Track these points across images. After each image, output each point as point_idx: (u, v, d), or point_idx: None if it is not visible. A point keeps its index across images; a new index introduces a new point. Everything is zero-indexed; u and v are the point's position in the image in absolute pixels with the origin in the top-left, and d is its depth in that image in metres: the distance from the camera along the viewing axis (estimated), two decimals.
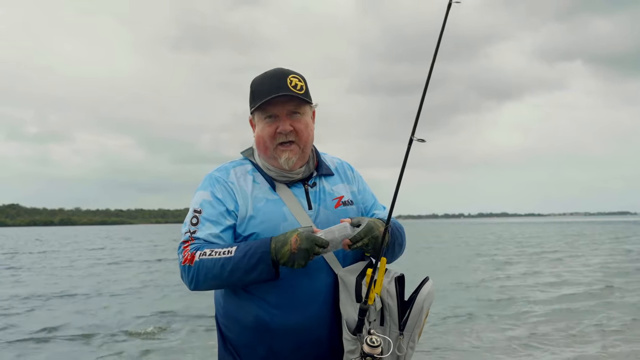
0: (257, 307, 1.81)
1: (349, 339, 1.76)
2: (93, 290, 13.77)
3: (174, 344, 7.90)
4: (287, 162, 1.86)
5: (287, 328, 1.80)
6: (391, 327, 1.80)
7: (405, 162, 1.76)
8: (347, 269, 1.84)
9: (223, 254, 1.71)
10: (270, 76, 1.87)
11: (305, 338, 1.82)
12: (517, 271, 17.09)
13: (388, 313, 1.79)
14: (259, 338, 1.83)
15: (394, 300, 1.80)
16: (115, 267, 20.88)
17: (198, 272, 1.74)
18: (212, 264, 1.72)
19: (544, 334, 8.04)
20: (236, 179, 1.90)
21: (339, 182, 2.00)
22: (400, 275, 1.86)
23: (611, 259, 20.70)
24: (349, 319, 1.77)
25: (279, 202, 1.86)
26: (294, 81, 1.84)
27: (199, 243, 1.79)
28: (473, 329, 8.56)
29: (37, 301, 12.23)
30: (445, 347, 7.43)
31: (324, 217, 1.88)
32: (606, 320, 8.97)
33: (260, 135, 1.88)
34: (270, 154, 1.88)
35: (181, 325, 9.16)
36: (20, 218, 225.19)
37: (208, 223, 1.82)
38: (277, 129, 1.85)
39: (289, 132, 1.85)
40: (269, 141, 1.86)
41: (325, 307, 1.83)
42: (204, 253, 1.74)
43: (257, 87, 1.89)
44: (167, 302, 11.79)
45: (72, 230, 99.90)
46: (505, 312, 9.89)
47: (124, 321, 9.62)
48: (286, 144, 1.86)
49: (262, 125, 1.88)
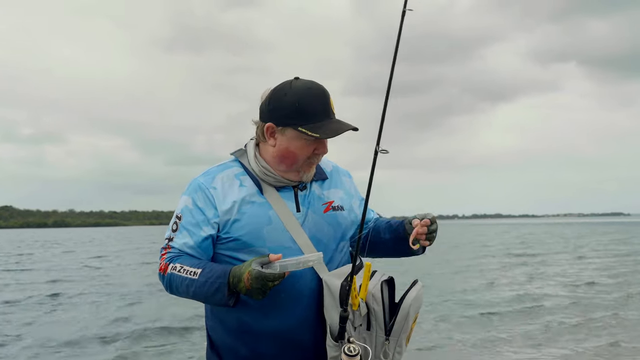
0: (241, 310, 1.79)
1: (332, 346, 1.74)
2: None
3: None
4: (309, 177, 1.89)
5: (270, 331, 1.79)
6: (377, 332, 1.78)
7: (372, 174, 1.76)
8: (332, 273, 1.81)
9: (189, 274, 1.73)
10: (318, 95, 1.82)
11: (288, 341, 1.81)
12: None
13: (374, 318, 1.77)
14: (242, 340, 1.83)
15: (379, 305, 1.78)
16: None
17: (170, 283, 1.79)
18: (180, 281, 1.75)
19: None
20: (221, 184, 1.86)
21: (331, 187, 1.98)
22: (389, 279, 1.84)
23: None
24: (333, 325, 1.75)
25: (266, 205, 1.83)
26: (331, 102, 1.85)
27: (174, 253, 1.81)
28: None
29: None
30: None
31: (311, 220, 1.86)
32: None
33: (293, 152, 1.82)
34: (293, 168, 1.86)
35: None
36: (14, 220, 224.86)
37: (185, 231, 1.82)
38: (316, 150, 1.83)
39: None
40: (301, 158, 1.83)
41: (309, 311, 1.80)
42: (174, 267, 1.76)
43: (305, 105, 1.78)
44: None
45: (61, 233, 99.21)
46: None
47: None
48: (313, 162, 1.88)
49: (299, 143, 1.81)
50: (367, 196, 1.79)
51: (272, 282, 1.63)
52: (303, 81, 1.83)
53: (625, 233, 51.57)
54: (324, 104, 1.81)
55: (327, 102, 1.82)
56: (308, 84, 1.83)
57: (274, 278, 1.63)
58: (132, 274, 19.01)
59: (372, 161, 1.73)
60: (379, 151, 1.73)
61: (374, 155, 1.73)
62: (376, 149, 1.73)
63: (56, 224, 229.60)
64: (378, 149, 1.73)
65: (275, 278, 1.63)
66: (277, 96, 1.82)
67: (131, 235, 77.51)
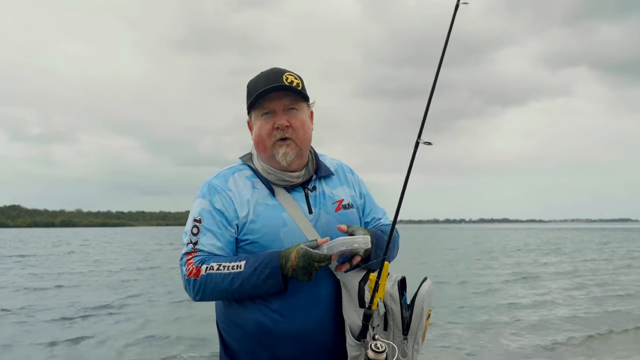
0: (259, 313, 1.79)
1: (353, 345, 1.74)
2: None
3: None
4: (284, 157, 1.84)
5: (291, 334, 1.79)
6: (395, 332, 1.78)
7: (411, 166, 1.75)
8: (348, 274, 1.82)
9: (232, 268, 1.72)
10: (266, 75, 1.86)
11: (309, 344, 1.80)
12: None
13: (391, 318, 1.77)
14: (262, 344, 1.81)
15: (397, 304, 1.78)
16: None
17: (205, 285, 1.74)
18: (221, 278, 1.72)
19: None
20: (235, 186, 1.87)
21: (338, 185, 1.98)
22: (402, 279, 1.84)
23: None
24: (352, 325, 1.76)
25: (279, 208, 1.84)
26: (290, 78, 1.84)
27: (203, 255, 1.78)
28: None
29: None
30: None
31: (324, 221, 1.87)
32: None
33: (258, 134, 1.86)
34: (270, 152, 1.86)
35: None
36: (21, 219, 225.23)
37: (209, 233, 1.81)
38: (274, 124, 1.83)
39: (285, 127, 1.83)
40: (267, 138, 1.84)
41: (328, 312, 1.82)
42: (211, 267, 1.74)
43: (252, 86, 1.87)
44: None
45: (65, 233, 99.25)
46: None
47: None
48: (283, 140, 1.84)
49: (259, 123, 1.86)
50: (404, 189, 1.77)
51: (318, 262, 1.66)
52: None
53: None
54: (267, 79, 1.83)
55: (273, 77, 1.83)
56: (265, 70, 1.89)
57: (320, 259, 1.66)
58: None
59: (412, 152, 1.74)
60: (420, 142, 1.74)
61: (415, 146, 1.74)
62: (417, 141, 1.74)
63: (63, 224, 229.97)
64: (420, 141, 1.74)
65: (321, 259, 1.66)
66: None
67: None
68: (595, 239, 53.40)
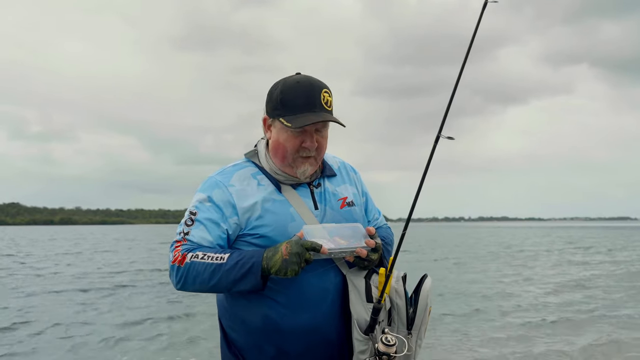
0: (266, 307, 1.78)
1: (361, 339, 1.74)
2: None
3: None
4: (303, 173, 1.85)
5: (298, 328, 1.78)
6: (399, 327, 1.79)
7: (429, 161, 1.75)
8: (354, 269, 1.83)
9: (216, 259, 1.70)
10: (305, 90, 1.80)
11: (316, 338, 1.80)
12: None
13: (396, 313, 1.79)
14: (268, 339, 1.80)
15: (402, 299, 1.79)
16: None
17: (187, 273, 1.72)
18: (203, 268, 1.70)
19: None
20: (239, 182, 1.86)
21: (341, 183, 1.99)
22: (404, 275, 1.86)
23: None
24: (359, 319, 1.76)
25: (286, 203, 1.84)
26: (326, 97, 1.81)
27: (191, 245, 1.77)
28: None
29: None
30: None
31: (330, 217, 1.87)
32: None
33: (282, 144, 1.83)
34: (288, 163, 1.85)
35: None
36: (21, 217, 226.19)
37: (202, 226, 1.79)
38: (303, 143, 1.81)
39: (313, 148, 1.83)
40: (291, 152, 1.83)
41: (334, 307, 1.81)
42: (195, 255, 1.72)
43: (288, 97, 1.81)
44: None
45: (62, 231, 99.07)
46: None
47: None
48: (306, 157, 1.84)
49: (286, 135, 1.82)
50: (421, 184, 1.78)
51: (309, 252, 1.65)
52: (299, 76, 1.84)
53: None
54: (308, 97, 1.79)
55: (313, 96, 1.79)
56: (300, 78, 1.84)
57: (311, 246, 1.65)
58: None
59: (432, 147, 1.73)
60: (440, 137, 1.73)
61: (435, 141, 1.73)
62: (438, 135, 1.73)
63: (62, 222, 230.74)
64: (440, 135, 1.73)
65: (312, 246, 1.65)
66: (271, 89, 1.87)
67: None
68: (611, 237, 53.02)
